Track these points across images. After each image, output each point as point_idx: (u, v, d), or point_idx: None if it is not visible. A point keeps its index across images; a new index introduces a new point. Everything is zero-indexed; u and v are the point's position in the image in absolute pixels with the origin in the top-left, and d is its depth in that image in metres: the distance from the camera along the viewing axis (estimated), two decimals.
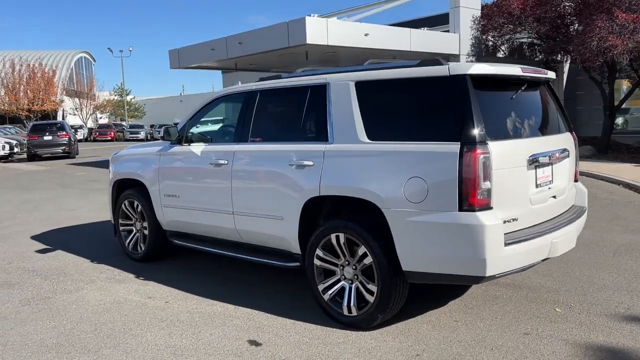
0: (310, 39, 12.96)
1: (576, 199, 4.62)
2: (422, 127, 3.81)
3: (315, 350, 3.75)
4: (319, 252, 4.23)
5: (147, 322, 4.34)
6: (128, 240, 6.21)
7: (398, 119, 3.98)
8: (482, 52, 17.42)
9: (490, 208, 3.50)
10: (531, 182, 3.88)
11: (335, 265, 4.21)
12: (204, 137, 5.36)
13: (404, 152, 3.74)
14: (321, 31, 13.20)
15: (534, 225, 3.88)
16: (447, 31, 17.35)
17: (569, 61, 19.36)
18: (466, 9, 16.91)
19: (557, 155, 4.11)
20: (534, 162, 3.85)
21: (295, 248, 4.48)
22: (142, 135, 46.69)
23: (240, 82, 6.44)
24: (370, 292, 3.96)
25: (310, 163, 4.25)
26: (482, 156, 3.45)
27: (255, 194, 4.72)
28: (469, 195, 3.45)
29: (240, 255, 4.91)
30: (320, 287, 4.26)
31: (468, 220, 3.45)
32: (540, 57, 18.88)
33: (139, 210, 6.00)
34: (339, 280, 4.21)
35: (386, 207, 3.77)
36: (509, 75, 3.88)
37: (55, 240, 7.34)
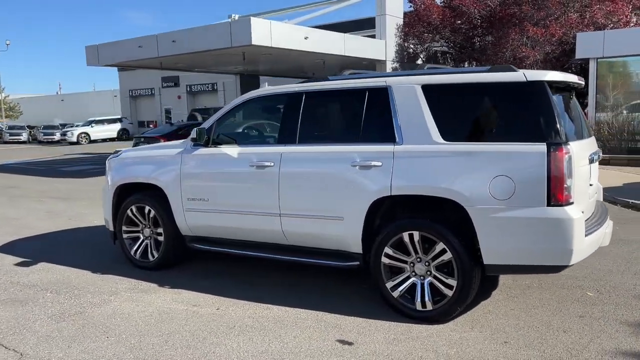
0: (256, 40, 12.86)
1: (597, 195, 5.15)
2: (501, 128, 4.08)
3: (410, 345, 3.86)
4: (387, 250, 4.34)
5: (215, 330, 4.17)
6: (135, 248, 5.83)
7: (473, 120, 4.22)
8: (404, 59, 18.32)
9: (572, 203, 3.85)
10: (586, 179, 4.30)
11: (405, 262, 4.34)
12: (232, 139, 5.23)
13: (488, 152, 3.97)
14: (265, 33, 13.14)
15: (589, 218, 4.32)
16: (373, 35, 18.02)
17: None
18: (391, 17, 17.70)
19: (600, 155, 4.60)
20: (591, 161, 4.28)
21: (355, 248, 4.54)
22: (24, 137, 42.59)
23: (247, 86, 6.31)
24: (449, 287, 4.14)
25: (379, 163, 4.34)
26: (567, 155, 3.78)
27: (309, 196, 4.69)
28: (557, 191, 3.77)
29: (294, 258, 4.83)
30: (389, 285, 4.37)
31: (558, 214, 3.77)
32: (452, 64, 20.24)
33: (151, 215, 5.67)
34: (408, 277, 4.35)
35: (470, 204, 3.98)
36: (571, 82, 4.28)
37: (28, 251, 6.67)
